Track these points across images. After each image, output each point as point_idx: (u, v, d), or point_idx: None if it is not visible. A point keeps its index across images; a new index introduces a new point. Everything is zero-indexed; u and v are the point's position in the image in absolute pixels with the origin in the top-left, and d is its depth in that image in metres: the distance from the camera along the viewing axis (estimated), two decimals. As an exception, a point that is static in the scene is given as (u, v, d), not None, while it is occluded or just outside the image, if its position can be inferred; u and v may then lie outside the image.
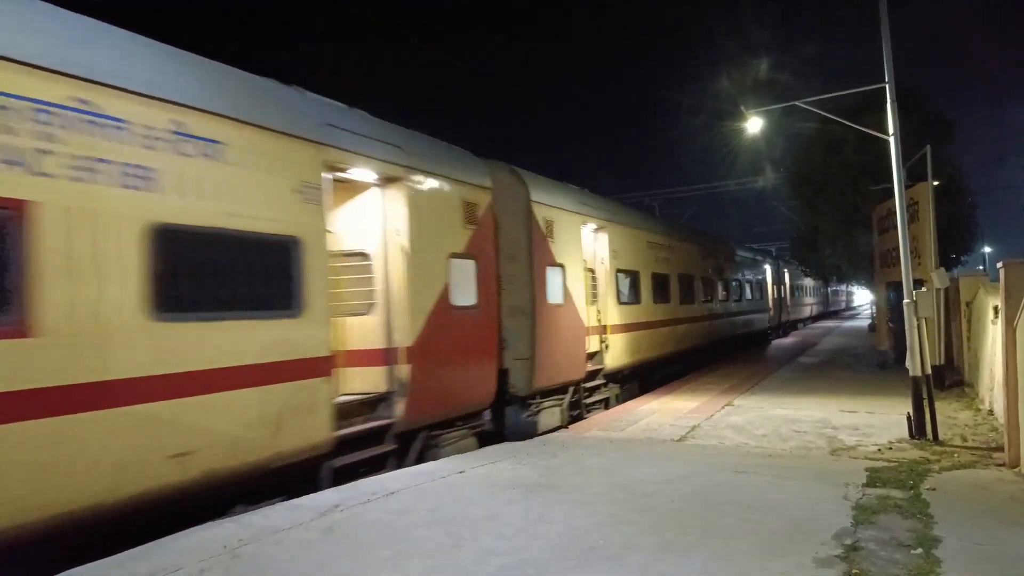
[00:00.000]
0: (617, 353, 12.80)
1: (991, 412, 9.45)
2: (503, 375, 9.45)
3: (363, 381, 7.40)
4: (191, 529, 5.08)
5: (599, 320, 12.45)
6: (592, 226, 12.44)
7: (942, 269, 10.29)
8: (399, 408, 7.24)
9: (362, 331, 7.46)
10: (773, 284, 29.52)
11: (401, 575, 4.26)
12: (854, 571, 4.15)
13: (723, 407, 11.16)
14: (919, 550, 4.50)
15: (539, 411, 10.10)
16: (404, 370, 7.32)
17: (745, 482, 6.41)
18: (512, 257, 9.78)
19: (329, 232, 6.47)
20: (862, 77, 9.73)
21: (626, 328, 13.24)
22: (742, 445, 8.28)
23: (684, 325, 16.96)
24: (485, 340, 8.88)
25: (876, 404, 10.91)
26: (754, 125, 11.13)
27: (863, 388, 12.96)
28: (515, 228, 9.89)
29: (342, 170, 6.80)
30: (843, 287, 53.21)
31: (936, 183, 11.84)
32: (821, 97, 10.18)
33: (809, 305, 44.77)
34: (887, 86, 8.82)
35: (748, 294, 24.43)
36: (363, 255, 7.54)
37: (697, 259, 18.53)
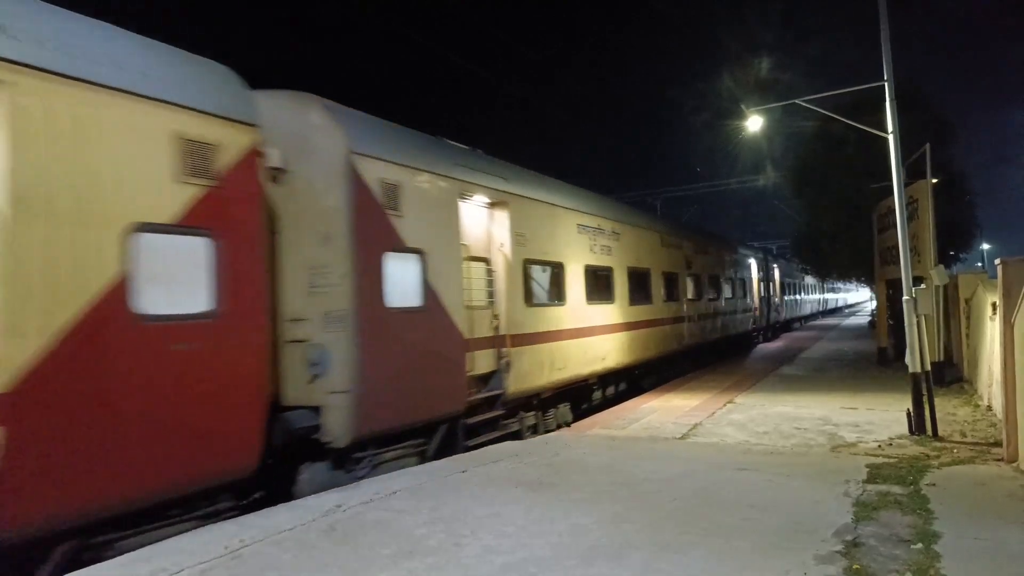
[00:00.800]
0: (525, 372, 9.52)
1: (990, 408, 9.47)
2: (314, 415, 6.58)
3: None
4: (193, 531, 5.10)
5: (496, 329, 9.15)
6: (483, 199, 9.09)
7: (941, 266, 10.32)
8: None
9: None
10: (760, 281, 26.54)
11: (402, 574, 4.27)
12: (855, 567, 4.17)
13: (724, 404, 11.17)
14: (919, 545, 4.51)
15: (376, 466, 7.06)
16: None
17: (746, 480, 6.43)
18: (324, 238, 6.73)
19: None
20: (864, 78, 9.73)
21: (540, 338, 9.99)
22: (743, 443, 8.29)
23: (636, 331, 13.56)
24: (230, 369, 5.59)
25: (876, 401, 10.92)
26: (755, 123, 11.16)
27: (864, 385, 12.98)
28: (325, 193, 6.79)
29: None
30: (847, 284, 52.28)
31: (935, 181, 11.86)
32: (821, 95, 10.20)
33: (806, 304, 41.68)
34: (886, 84, 8.84)
35: (727, 292, 21.15)
36: None
37: (656, 250, 15.33)
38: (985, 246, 50.51)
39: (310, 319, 6.76)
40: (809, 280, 41.50)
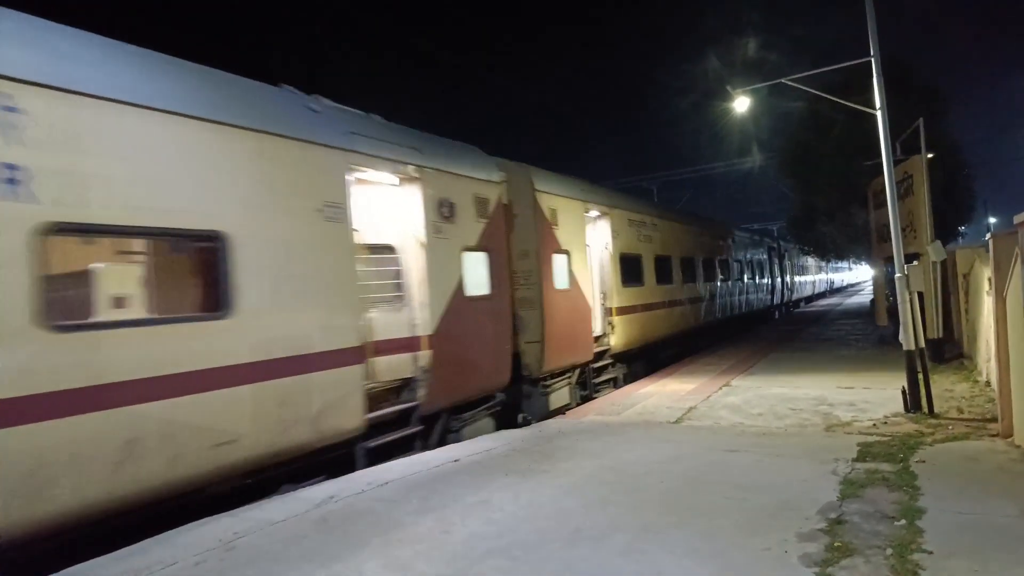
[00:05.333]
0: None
1: (988, 384, 9.44)
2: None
3: None
4: (189, 524, 5.18)
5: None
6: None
7: (938, 242, 10.24)
8: None
9: None
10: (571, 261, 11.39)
11: (390, 560, 4.33)
12: (836, 544, 4.20)
13: (720, 388, 11.19)
14: (902, 521, 4.54)
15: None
16: None
17: (736, 461, 6.46)
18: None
19: None
20: (855, 54, 9.66)
21: None
22: (737, 425, 8.31)
23: None
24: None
25: (874, 380, 10.91)
26: (741, 104, 11.08)
27: (862, 364, 12.95)
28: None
29: None
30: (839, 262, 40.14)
31: (931, 155, 11.77)
32: (808, 74, 10.13)
33: (743, 295, 23.54)
34: (872, 59, 8.77)
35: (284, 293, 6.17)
36: None
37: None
38: (991, 219, 50.09)
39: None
40: (752, 252, 24.23)
